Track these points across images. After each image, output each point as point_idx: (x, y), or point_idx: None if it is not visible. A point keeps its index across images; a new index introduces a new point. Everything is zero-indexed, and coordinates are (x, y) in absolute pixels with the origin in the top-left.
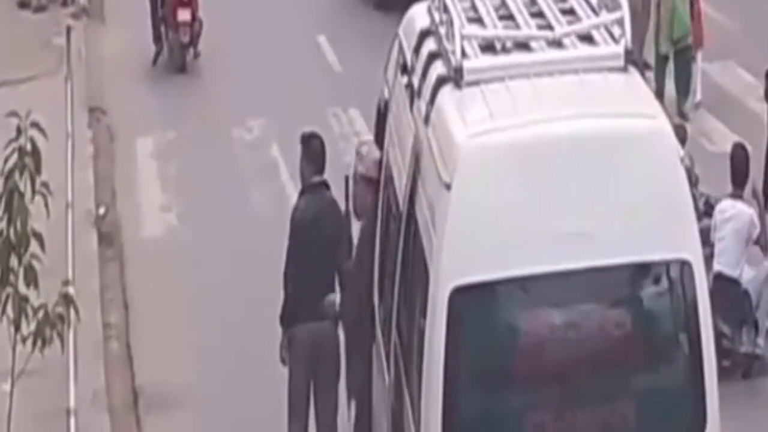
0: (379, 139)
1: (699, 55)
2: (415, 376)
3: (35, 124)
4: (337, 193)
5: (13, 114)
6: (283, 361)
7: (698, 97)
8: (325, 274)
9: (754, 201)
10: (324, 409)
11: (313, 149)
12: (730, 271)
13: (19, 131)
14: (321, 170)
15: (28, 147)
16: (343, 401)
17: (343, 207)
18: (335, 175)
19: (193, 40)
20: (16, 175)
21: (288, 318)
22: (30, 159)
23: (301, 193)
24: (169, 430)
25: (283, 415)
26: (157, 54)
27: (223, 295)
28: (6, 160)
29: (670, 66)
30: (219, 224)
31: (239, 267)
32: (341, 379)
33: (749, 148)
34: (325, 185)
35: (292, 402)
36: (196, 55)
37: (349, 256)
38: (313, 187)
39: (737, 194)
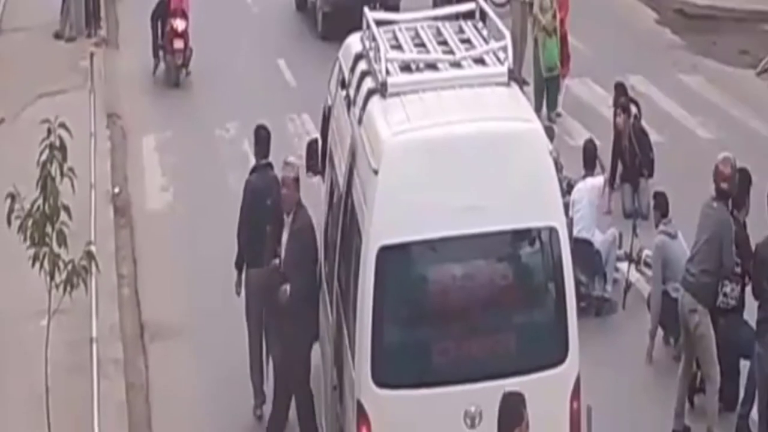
0: (324, 136)
1: (565, 81)
2: (352, 314)
3: (62, 125)
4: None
5: (45, 120)
6: (238, 293)
7: (560, 109)
8: (266, 232)
9: (603, 173)
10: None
11: (261, 138)
12: (585, 234)
13: (48, 132)
14: (266, 154)
15: (57, 143)
16: None
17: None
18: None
19: (185, 63)
20: (48, 164)
21: (240, 263)
22: (58, 152)
23: (252, 171)
24: (168, 355)
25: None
26: (156, 66)
27: (208, 251)
28: (41, 153)
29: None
30: (204, 200)
31: (219, 230)
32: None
33: (599, 143)
34: (270, 165)
35: (250, 330)
36: (187, 74)
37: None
38: (260, 167)
39: (588, 175)
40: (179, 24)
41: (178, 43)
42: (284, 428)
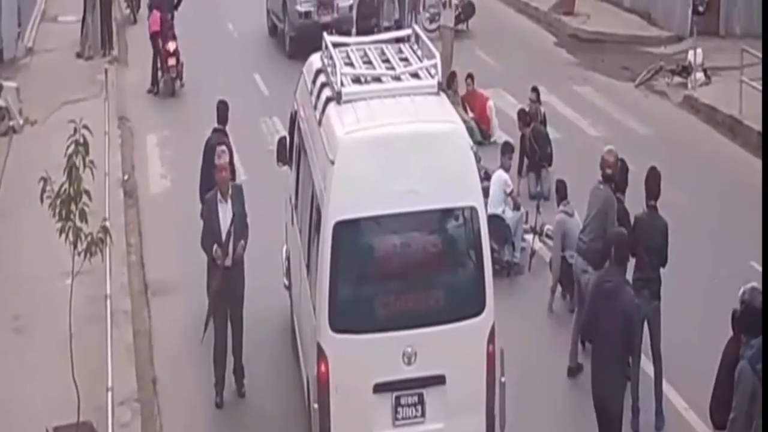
0: (291, 135)
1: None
2: (314, 274)
3: (85, 126)
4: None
5: (72, 121)
6: (201, 217)
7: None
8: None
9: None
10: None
11: (220, 109)
12: (498, 212)
13: (75, 131)
14: (222, 122)
15: (81, 140)
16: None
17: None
18: (263, 156)
19: (179, 75)
20: (74, 157)
21: (201, 194)
22: (82, 147)
23: (212, 133)
24: (165, 307)
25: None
26: (154, 76)
27: (198, 225)
28: (68, 148)
29: None
30: (195, 185)
31: None
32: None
33: (512, 140)
34: (224, 130)
35: (205, 249)
36: (182, 85)
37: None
38: (216, 130)
39: (501, 167)
40: (171, 45)
41: (172, 61)
42: (226, 335)
